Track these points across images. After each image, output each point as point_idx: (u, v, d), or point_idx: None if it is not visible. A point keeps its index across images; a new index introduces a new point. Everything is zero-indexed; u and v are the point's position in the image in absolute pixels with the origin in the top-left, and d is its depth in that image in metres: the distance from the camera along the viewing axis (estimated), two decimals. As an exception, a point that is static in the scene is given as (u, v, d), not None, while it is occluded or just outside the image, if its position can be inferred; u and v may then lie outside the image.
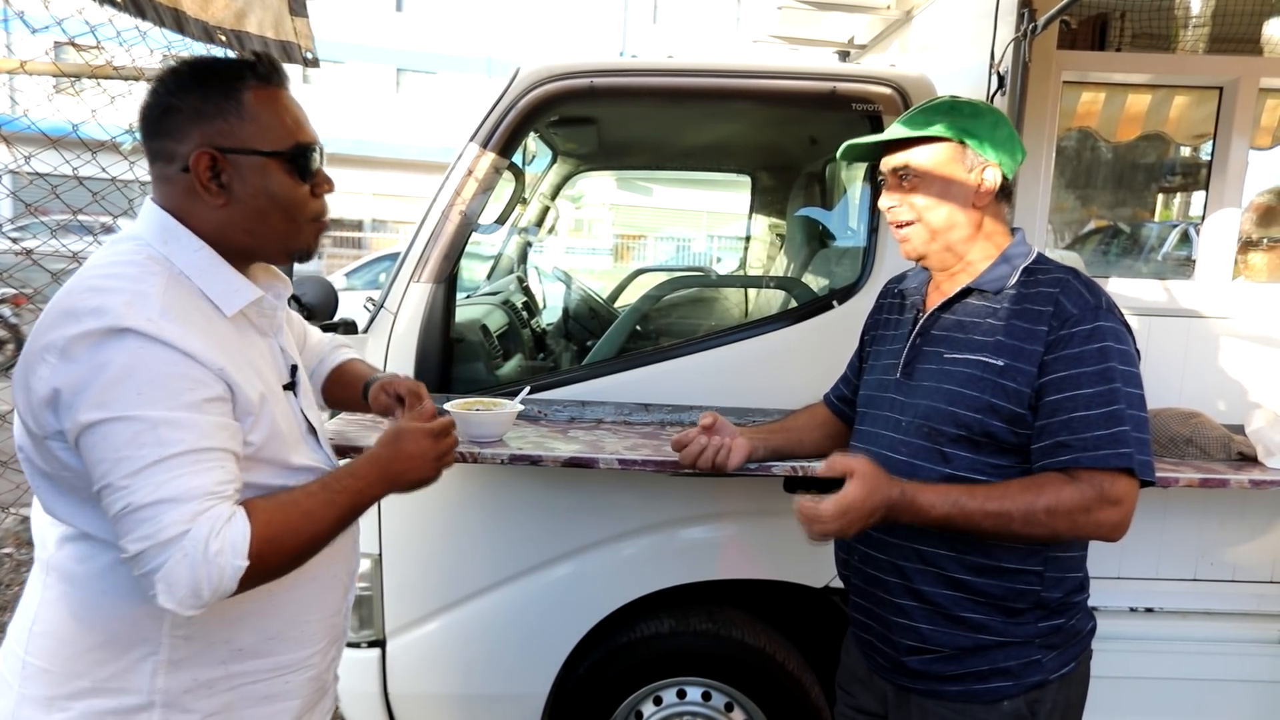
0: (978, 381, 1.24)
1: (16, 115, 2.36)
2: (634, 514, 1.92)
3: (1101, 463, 1.15)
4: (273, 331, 1.15)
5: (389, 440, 1.12)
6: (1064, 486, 1.16)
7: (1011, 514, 1.16)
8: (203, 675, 1.03)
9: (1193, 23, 2.54)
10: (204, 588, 0.89)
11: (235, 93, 1.01)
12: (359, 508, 1.08)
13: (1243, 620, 2.00)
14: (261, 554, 0.93)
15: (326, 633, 1.17)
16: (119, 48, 2.22)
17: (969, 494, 1.19)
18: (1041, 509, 1.16)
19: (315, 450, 1.16)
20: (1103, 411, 1.16)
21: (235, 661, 1.05)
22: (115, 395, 0.89)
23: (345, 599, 1.24)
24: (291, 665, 1.11)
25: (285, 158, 1.04)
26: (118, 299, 0.91)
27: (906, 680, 1.34)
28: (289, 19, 1.82)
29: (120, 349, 0.90)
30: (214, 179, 1.01)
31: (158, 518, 0.89)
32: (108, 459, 0.89)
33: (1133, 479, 1.17)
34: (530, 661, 1.95)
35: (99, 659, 1.00)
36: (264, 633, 1.07)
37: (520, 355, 2.60)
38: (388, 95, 20.24)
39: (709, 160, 3.79)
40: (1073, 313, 1.20)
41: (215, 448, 0.94)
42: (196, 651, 1.03)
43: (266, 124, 1.03)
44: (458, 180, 1.91)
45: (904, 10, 2.69)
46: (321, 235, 1.12)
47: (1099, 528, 1.17)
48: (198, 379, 0.94)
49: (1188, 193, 3.37)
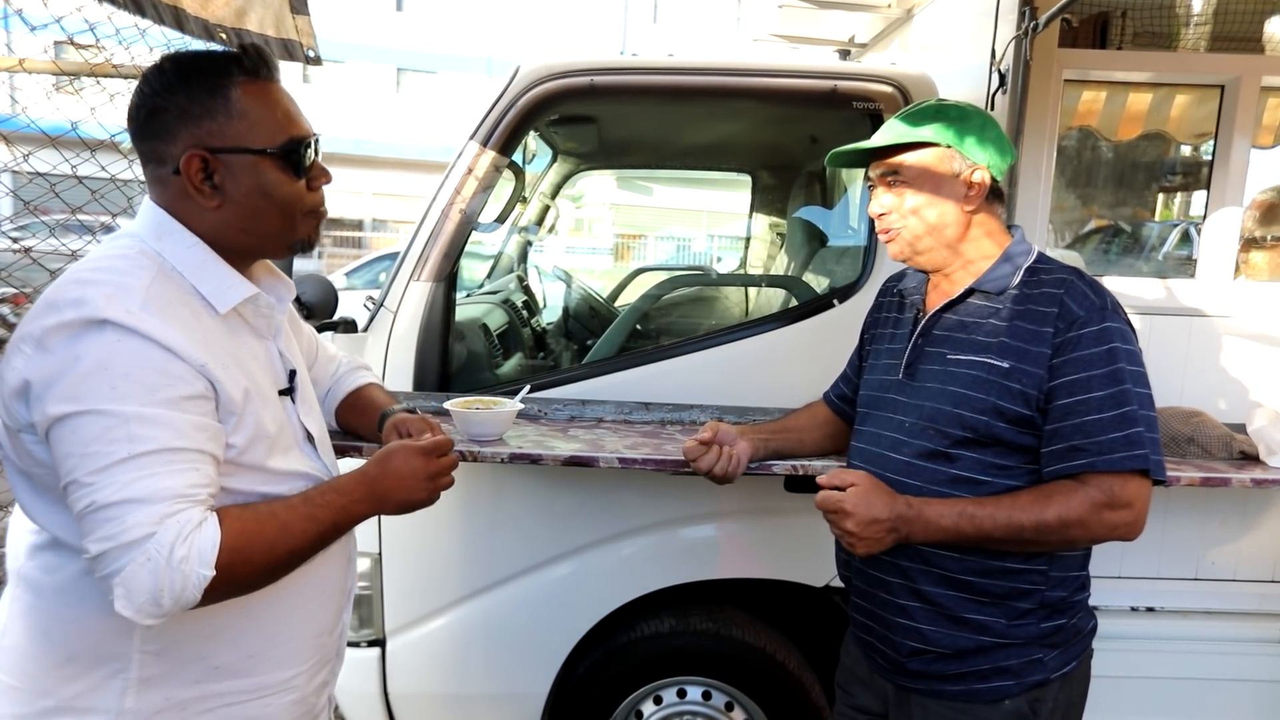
0: (982, 383, 1.23)
1: (16, 114, 2.35)
2: (634, 513, 1.92)
3: (1117, 465, 1.16)
4: (270, 334, 1.11)
5: (379, 458, 1.09)
6: (1072, 494, 1.16)
7: (1023, 524, 1.17)
8: (176, 695, 0.98)
9: (1194, 21, 2.53)
10: (165, 596, 0.85)
11: (222, 90, 0.98)
12: (342, 525, 1.04)
13: (1244, 620, 2.00)
14: (230, 565, 0.89)
15: (313, 653, 1.11)
16: (118, 46, 2.21)
17: (976, 504, 1.19)
18: (1053, 518, 1.16)
19: (312, 458, 1.12)
20: (1116, 414, 1.16)
21: (211, 681, 1.00)
22: (88, 388, 0.86)
23: (339, 619, 1.18)
24: (273, 687, 1.06)
25: (278, 154, 1.01)
26: (99, 291, 0.89)
27: (907, 680, 1.34)
28: (290, 16, 1.81)
29: (97, 341, 0.87)
30: (206, 180, 0.98)
31: (122, 518, 0.85)
32: (75, 453, 0.86)
33: (1144, 479, 1.17)
34: (530, 661, 1.95)
35: (65, 676, 0.95)
36: (242, 650, 1.02)
37: (520, 354, 2.60)
38: (388, 95, 20.23)
39: (709, 159, 3.79)
40: (1079, 314, 1.20)
41: (190, 448, 0.90)
42: (169, 669, 0.98)
43: (256, 120, 0.99)
44: (458, 179, 1.90)
45: (905, 9, 2.68)
46: (320, 226, 1.09)
47: (1113, 530, 1.17)
48: (176, 375, 0.90)
49: (1188, 192, 3.37)
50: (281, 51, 1.78)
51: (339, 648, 1.22)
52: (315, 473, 1.10)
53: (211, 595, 0.89)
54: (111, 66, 2.17)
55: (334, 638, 1.18)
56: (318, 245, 1.12)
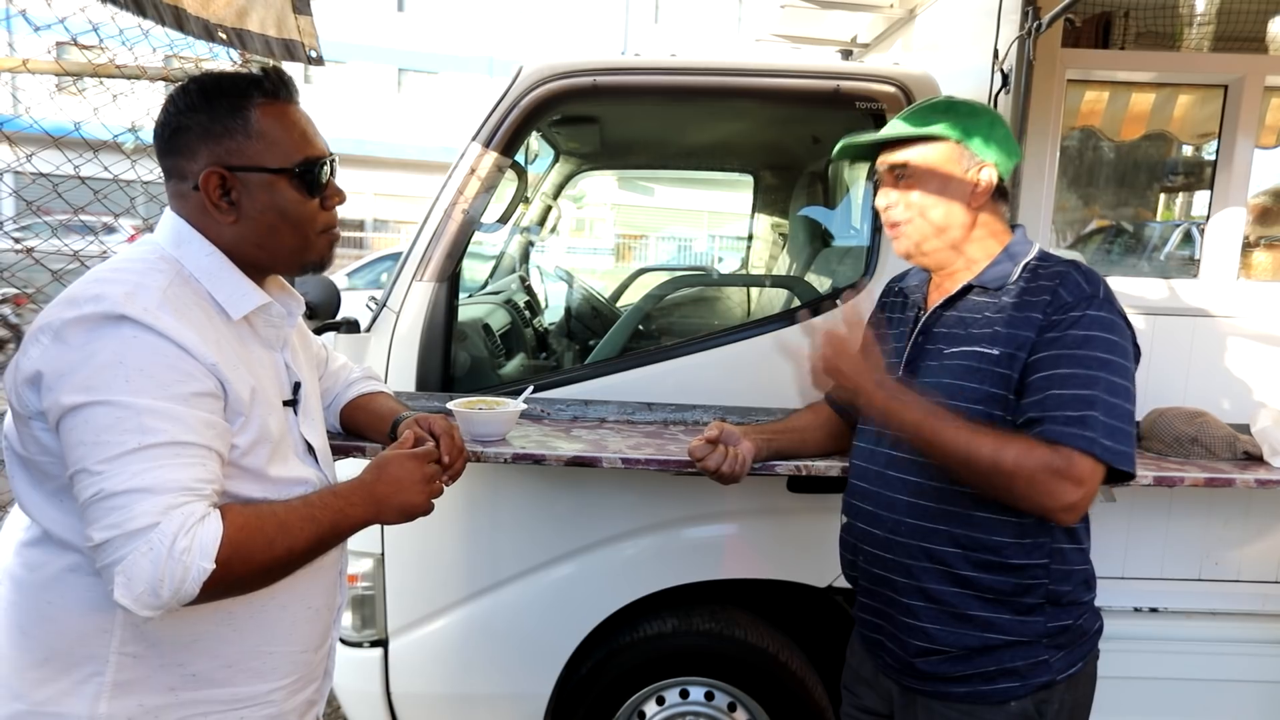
0: (975, 372, 1.24)
1: (19, 114, 2.35)
2: (637, 513, 1.92)
3: (1063, 438, 1.15)
4: (278, 346, 1.14)
5: (375, 465, 1.11)
6: (1034, 448, 1.15)
7: (980, 454, 1.16)
8: (149, 701, 0.98)
9: (1197, 21, 2.53)
10: (164, 587, 0.87)
11: (242, 110, 1.02)
12: (340, 529, 1.05)
13: (1248, 620, 2.00)
14: (230, 560, 0.90)
15: (293, 669, 1.11)
16: (121, 46, 2.21)
17: (949, 414, 1.20)
18: (1010, 458, 1.15)
19: (313, 467, 1.14)
20: (1075, 393, 1.16)
21: (186, 689, 1.01)
22: (103, 380, 0.89)
23: (325, 637, 1.18)
24: (248, 699, 1.06)
25: (293, 174, 1.05)
26: (119, 289, 0.93)
27: (914, 681, 1.34)
28: (292, 16, 1.81)
29: (114, 335, 0.90)
30: (224, 197, 1.03)
31: (129, 506, 0.87)
32: (86, 442, 0.88)
33: (1097, 464, 1.15)
34: (533, 661, 1.95)
35: (39, 678, 0.96)
36: (220, 659, 1.03)
37: (523, 354, 2.60)
38: (389, 95, 20.26)
39: (712, 159, 3.79)
40: (1067, 300, 1.20)
41: (198, 443, 0.92)
42: (146, 674, 0.98)
43: (274, 140, 1.04)
44: (460, 179, 1.90)
45: (907, 9, 2.68)
46: (334, 246, 1.13)
47: (1053, 498, 1.15)
48: (188, 372, 0.94)
49: (1191, 192, 3.36)
50: (283, 52, 1.78)
51: (326, 667, 1.21)
52: (315, 481, 1.12)
53: (210, 591, 0.90)
54: (114, 67, 2.18)
55: (319, 655, 1.17)
56: (330, 265, 1.15)
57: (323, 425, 1.25)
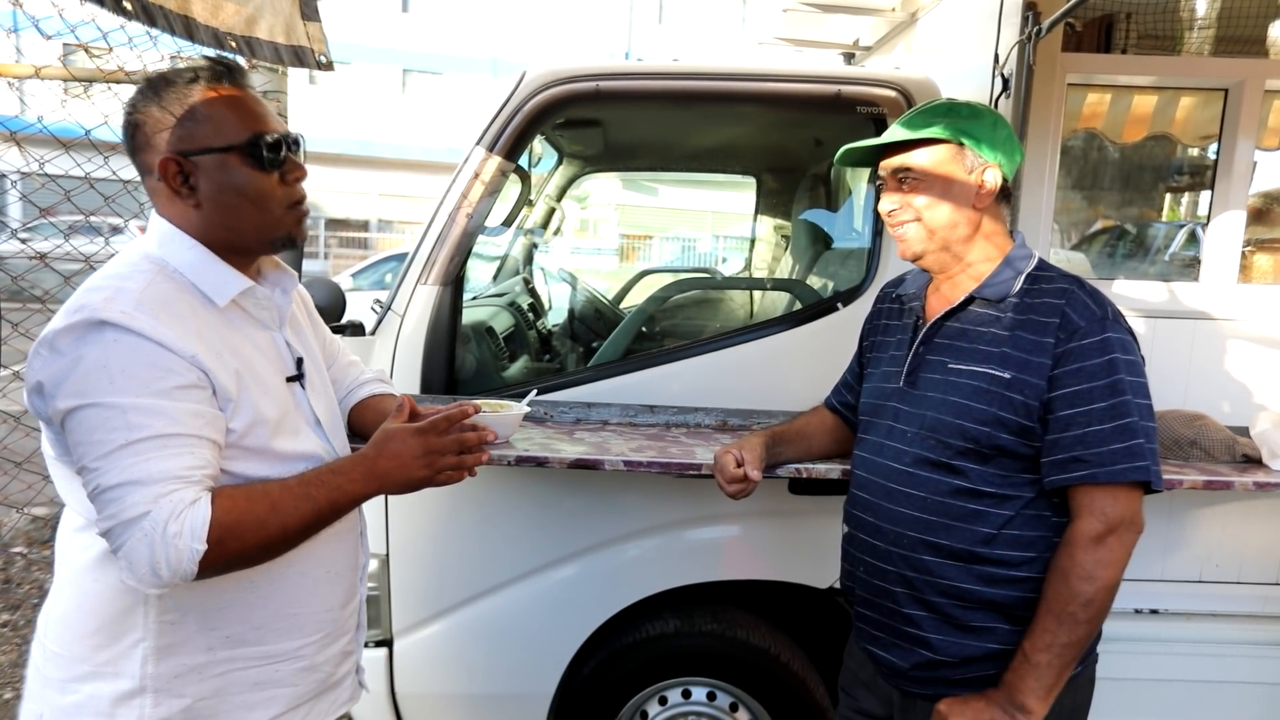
0: (984, 394, 1.24)
1: (30, 120, 2.38)
2: (639, 515, 1.93)
3: (1119, 477, 1.17)
4: (275, 325, 1.18)
5: (376, 440, 1.13)
6: (1071, 560, 1.18)
7: (1075, 613, 1.18)
8: (190, 660, 1.07)
9: (1198, 24, 2.53)
10: (162, 568, 0.93)
11: (189, 97, 1.06)
12: (340, 504, 1.08)
13: (1248, 622, 2.00)
14: (221, 540, 0.96)
15: (321, 627, 1.18)
16: (130, 52, 2.24)
17: (1029, 643, 1.20)
18: (1085, 591, 1.17)
19: (322, 439, 1.18)
20: (1116, 425, 1.17)
21: (222, 648, 1.09)
22: (90, 384, 0.95)
23: (351, 595, 1.24)
24: (281, 655, 1.13)
25: (242, 149, 1.07)
26: (99, 295, 0.98)
27: (914, 686, 1.34)
28: (300, 24, 1.83)
29: (98, 341, 0.96)
30: (184, 183, 1.06)
31: (123, 498, 0.94)
32: (83, 442, 0.95)
33: (1135, 489, 1.18)
34: (536, 661, 1.96)
35: (96, 644, 1.05)
36: (249, 622, 1.10)
37: (527, 357, 2.61)
38: (393, 96, 20.28)
39: (714, 163, 3.80)
40: (1080, 325, 1.20)
41: (185, 434, 0.97)
42: (184, 638, 1.06)
43: (221, 121, 1.06)
44: (465, 182, 1.92)
45: (909, 13, 2.69)
46: (303, 221, 1.15)
47: (1126, 548, 1.19)
48: (169, 367, 0.98)
49: (1194, 192, 3.36)
50: (293, 58, 1.80)
51: (357, 620, 1.29)
52: (324, 454, 1.16)
53: (207, 568, 0.96)
54: (124, 73, 2.20)
55: (347, 611, 1.24)
56: (302, 242, 1.17)
57: (332, 396, 1.30)
